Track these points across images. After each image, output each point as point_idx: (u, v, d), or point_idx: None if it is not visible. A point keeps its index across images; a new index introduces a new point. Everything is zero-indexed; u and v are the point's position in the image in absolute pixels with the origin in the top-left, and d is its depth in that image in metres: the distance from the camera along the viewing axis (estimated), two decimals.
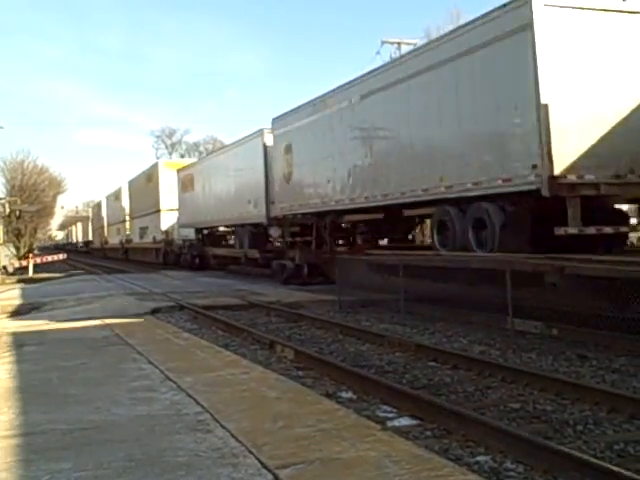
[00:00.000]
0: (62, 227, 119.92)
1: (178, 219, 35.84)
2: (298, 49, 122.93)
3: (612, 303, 9.36)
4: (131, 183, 48.74)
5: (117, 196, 54.13)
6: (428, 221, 17.19)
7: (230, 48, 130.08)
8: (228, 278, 24.77)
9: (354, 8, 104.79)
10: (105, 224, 59.63)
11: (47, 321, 13.55)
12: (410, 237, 19.70)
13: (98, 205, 65.69)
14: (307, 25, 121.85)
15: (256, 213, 24.32)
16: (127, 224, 49.80)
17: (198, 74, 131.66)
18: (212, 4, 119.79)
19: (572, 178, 10.94)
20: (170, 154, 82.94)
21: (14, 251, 53.65)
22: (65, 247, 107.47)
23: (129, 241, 48.74)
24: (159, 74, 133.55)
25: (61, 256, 48.95)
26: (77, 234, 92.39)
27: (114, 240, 56.43)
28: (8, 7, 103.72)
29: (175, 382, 6.87)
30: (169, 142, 79.48)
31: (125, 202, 50.55)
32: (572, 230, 10.89)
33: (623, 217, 12.96)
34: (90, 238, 73.35)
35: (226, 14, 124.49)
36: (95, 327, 11.98)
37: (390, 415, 6.44)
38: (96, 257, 62.40)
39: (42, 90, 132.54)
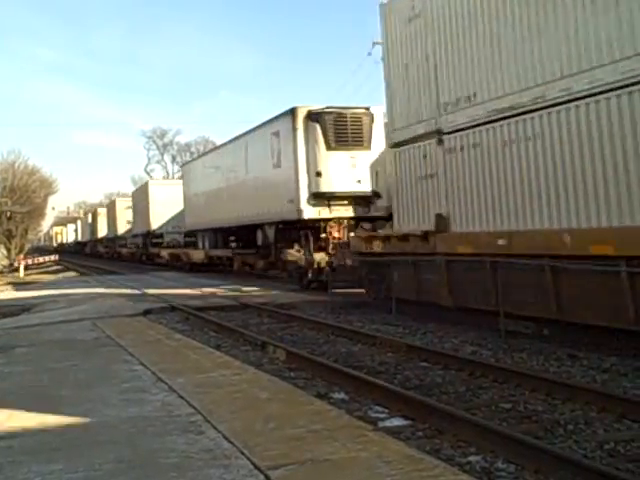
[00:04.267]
0: (57, 224, 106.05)
1: None
2: (291, 50, 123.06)
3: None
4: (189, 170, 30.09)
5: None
6: None
7: (223, 49, 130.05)
8: (218, 279, 24.70)
9: (347, 10, 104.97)
10: None
11: (38, 322, 13.50)
12: None
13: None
14: (300, 27, 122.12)
15: None
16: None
17: (191, 75, 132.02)
18: (205, 6, 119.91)
19: None
20: (162, 155, 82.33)
21: (5, 252, 53.46)
22: (84, 249, 68.59)
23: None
24: (151, 75, 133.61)
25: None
26: (132, 219, 43.64)
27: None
28: (3, 8, 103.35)
29: (167, 383, 6.86)
30: (161, 143, 79.23)
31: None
32: None
33: None
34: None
35: (219, 16, 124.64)
36: (86, 328, 11.95)
37: (382, 415, 6.44)
38: None
39: (34, 91, 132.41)
